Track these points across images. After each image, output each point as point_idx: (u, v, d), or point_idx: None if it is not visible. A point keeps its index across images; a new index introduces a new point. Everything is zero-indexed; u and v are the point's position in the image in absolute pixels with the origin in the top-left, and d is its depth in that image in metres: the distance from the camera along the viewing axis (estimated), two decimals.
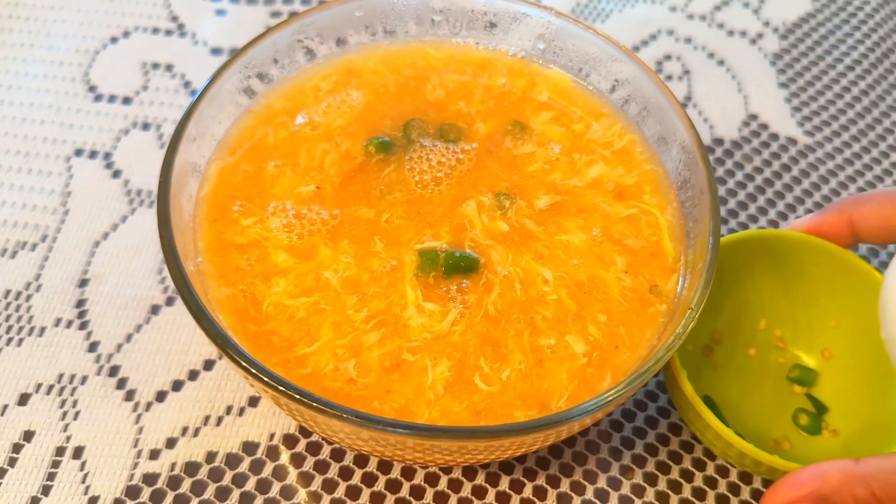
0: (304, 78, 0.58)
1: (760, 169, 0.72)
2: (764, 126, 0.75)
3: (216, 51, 0.77)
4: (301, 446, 0.55)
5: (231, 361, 0.42)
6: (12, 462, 0.54)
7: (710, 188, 0.49)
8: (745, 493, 0.55)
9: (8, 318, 0.60)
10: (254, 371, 0.41)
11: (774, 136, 0.75)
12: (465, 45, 0.61)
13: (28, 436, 0.55)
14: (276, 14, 0.80)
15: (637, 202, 0.53)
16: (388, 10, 0.59)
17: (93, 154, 0.69)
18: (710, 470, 0.56)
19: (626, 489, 0.55)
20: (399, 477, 0.54)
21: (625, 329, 0.48)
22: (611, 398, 0.42)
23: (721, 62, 0.80)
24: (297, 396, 0.40)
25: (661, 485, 0.55)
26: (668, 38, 0.81)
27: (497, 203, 0.53)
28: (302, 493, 0.53)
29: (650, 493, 0.55)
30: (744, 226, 0.68)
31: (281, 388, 0.40)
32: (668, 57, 0.79)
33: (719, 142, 0.74)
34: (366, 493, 0.54)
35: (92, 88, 0.73)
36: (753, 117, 0.76)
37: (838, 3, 0.86)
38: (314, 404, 0.40)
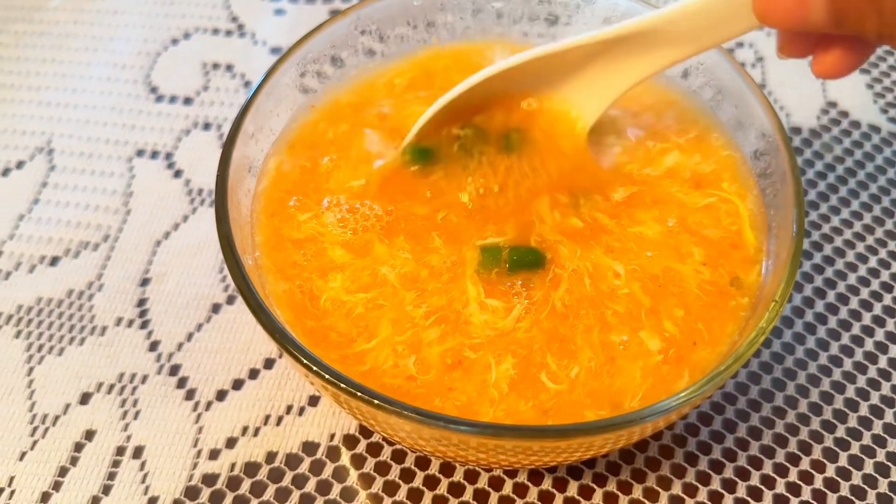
0: (368, 73, 0.57)
1: (842, 158, 0.68)
2: (844, 113, 0.71)
3: (276, 50, 0.76)
4: (361, 447, 0.54)
5: (290, 356, 0.41)
6: (74, 461, 0.53)
7: (792, 173, 0.46)
8: (832, 501, 0.52)
9: (71, 317, 0.60)
10: (313, 367, 0.40)
11: (856, 124, 0.70)
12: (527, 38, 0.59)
13: (90, 435, 0.54)
14: (334, 12, 0.79)
15: (715, 190, 0.50)
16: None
17: (154, 154, 0.69)
18: (794, 476, 0.52)
19: (703, 496, 0.52)
20: (462, 480, 0.52)
21: (703, 324, 0.45)
22: (687, 398, 0.39)
23: None
24: (358, 393, 0.39)
25: (741, 492, 0.52)
26: None
27: (571, 200, 0.50)
28: (363, 496, 0.52)
29: (729, 501, 0.51)
30: (825, 217, 0.64)
31: (342, 384, 0.39)
32: (740, 44, 0.76)
33: (797, 130, 0.70)
34: (428, 496, 0.52)
35: (153, 90, 0.74)
36: (832, 105, 0.72)
37: None
38: (375, 401, 0.38)
